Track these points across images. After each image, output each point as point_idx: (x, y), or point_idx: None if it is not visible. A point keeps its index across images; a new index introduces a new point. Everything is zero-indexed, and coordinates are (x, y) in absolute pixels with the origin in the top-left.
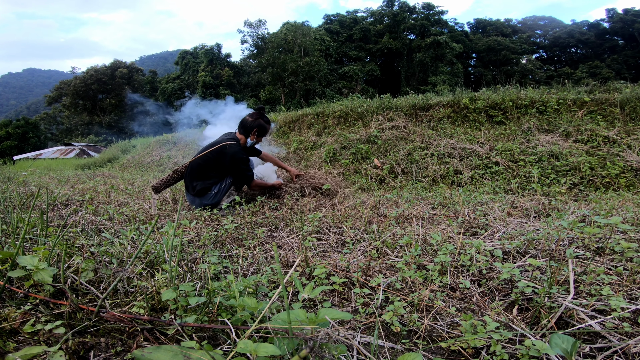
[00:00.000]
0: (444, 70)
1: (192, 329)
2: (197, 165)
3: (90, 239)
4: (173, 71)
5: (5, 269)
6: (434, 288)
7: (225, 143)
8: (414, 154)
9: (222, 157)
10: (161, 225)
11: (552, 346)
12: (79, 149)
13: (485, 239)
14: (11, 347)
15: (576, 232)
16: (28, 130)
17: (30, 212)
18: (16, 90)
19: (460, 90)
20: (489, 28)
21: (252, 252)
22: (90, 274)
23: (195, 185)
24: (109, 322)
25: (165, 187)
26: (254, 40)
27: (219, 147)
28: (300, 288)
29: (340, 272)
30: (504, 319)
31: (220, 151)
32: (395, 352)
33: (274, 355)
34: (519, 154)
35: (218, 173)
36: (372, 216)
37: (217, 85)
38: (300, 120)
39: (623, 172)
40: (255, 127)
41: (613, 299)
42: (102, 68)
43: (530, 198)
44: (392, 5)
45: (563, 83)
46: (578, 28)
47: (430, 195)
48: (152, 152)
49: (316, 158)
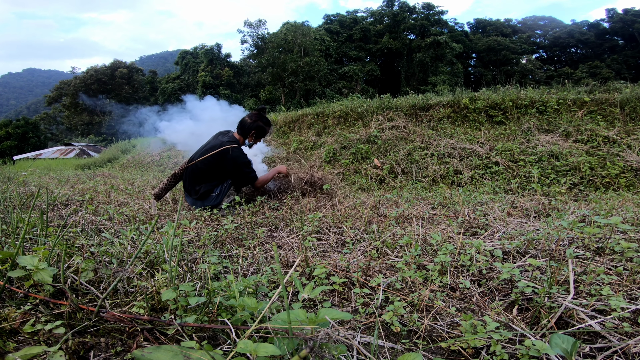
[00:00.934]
0: (444, 70)
1: (192, 329)
2: (198, 169)
3: (90, 239)
4: (173, 71)
5: (5, 269)
6: (434, 288)
7: (227, 147)
8: (414, 154)
9: (223, 161)
10: (161, 225)
11: (552, 346)
12: (79, 149)
13: (485, 239)
14: (11, 347)
15: (576, 232)
16: (28, 130)
17: (30, 212)
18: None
19: (460, 90)
20: (489, 28)
21: (252, 252)
22: (90, 274)
23: (198, 189)
24: (109, 322)
25: (165, 192)
26: (254, 40)
27: (221, 151)
28: (300, 288)
29: (340, 272)
30: (504, 319)
31: (222, 155)
32: (395, 352)
33: (274, 355)
34: (519, 154)
35: (219, 175)
36: (372, 216)
37: (217, 85)
38: (300, 120)
39: (623, 172)
40: (253, 129)
41: (613, 299)
42: (102, 68)
43: (530, 198)
44: (392, 5)
45: (563, 83)
46: (578, 28)
47: (430, 195)
48: (152, 152)
49: (316, 158)
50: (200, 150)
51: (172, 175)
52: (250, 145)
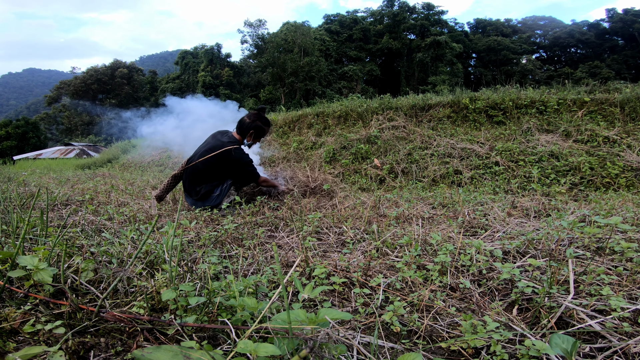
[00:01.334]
0: (444, 70)
1: (192, 329)
2: (199, 169)
3: (90, 239)
4: (173, 71)
5: (5, 269)
6: (434, 288)
7: (229, 148)
8: (414, 154)
9: (226, 162)
10: (161, 225)
11: (552, 346)
12: (79, 149)
13: (485, 239)
14: (11, 347)
15: (576, 232)
16: (28, 130)
17: (30, 212)
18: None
19: (460, 90)
20: (489, 28)
21: (252, 252)
22: (90, 274)
23: (198, 190)
24: (109, 322)
25: (166, 193)
26: (254, 40)
27: (224, 152)
28: (300, 288)
29: (340, 272)
30: (504, 319)
31: (223, 156)
32: (395, 352)
33: (274, 355)
34: (519, 154)
35: (220, 175)
36: (372, 216)
37: (217, 85)
38: (300, 120)
39: (623, 172)
40: (252, 129)
41: (613, 299)
42: (102, 68)
43: (530, 198)
44: (392, 5)
45: (563, 83)
46: (578, 28)
47: (430, 195)
48: (152, 152)
49: (316, 158)
50: (199, 151)
51: (172, 176)
52: (249, 145)
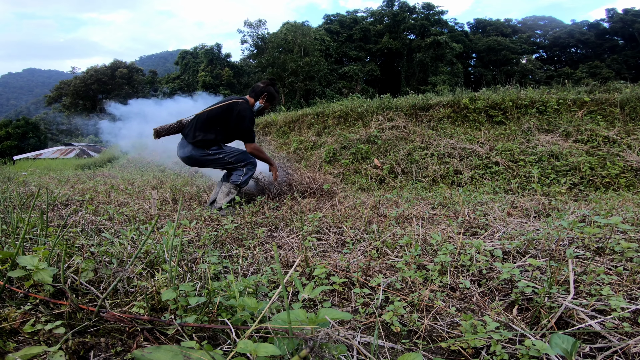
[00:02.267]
0: (444, 70)
1: (192, 329)
2: (203, 118)
3: (90, 239)
4: (173, 71)
5: (5, 269)
6: (434, 288)
7: (236, 100)
8: (414, 154)
9: (229, 113)
10: (161, 225)
11: (552, 346)
12: (79, 149)
13: (485, 239)
14: (11, 347)
15: (576, 232)
16: (28, 130)
17: (30, 212)
18: (16, 90)
19: (460, 90)
20: (489, 28)
21: (252, 252)
22: (90, 274)
23: (197, 135)
24: (109, 322)
25: (166, 133)
26: (254, 40)
27: (229, 104)
28: (300, 288)
29: (340, 272)
30: (504, 319)
31: (229, 107)
32: (395, 352)
33: (274, 355)
34: (519, 154)
35: (222, 129)
36: (372, 216)
37: (217, 85)
38: (300, 120)
39: (623, 172)
40: (266, 92)
41: (613, 299)
42: (102, 68)
43: (530, 198)
44: (392, 5)
45: (563, 83)
46: (578, 28)
47: (430, 195)
48: (152, 152)
49: (316, 158)
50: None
51: (178, 121)
52: (259, 109)
